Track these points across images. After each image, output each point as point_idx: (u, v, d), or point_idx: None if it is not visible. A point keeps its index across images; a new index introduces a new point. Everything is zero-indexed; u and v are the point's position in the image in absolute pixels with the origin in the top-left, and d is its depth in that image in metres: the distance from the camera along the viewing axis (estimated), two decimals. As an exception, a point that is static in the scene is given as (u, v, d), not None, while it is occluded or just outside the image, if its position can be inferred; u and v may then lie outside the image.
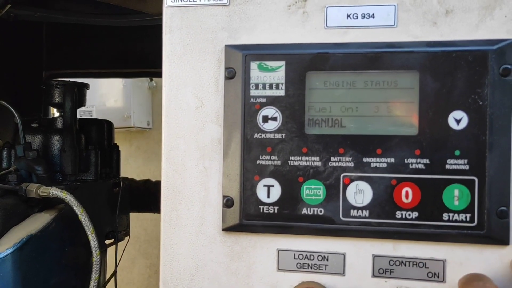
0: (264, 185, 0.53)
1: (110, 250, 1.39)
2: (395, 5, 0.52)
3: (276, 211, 0.53)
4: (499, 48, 0.49)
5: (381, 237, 0.52)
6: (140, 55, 1.63)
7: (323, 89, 0.53)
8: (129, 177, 1.51)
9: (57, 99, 1.23)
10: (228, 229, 0.54)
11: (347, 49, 0.52)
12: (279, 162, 0.53)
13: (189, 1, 0.55)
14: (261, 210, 0.53)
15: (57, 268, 1.07)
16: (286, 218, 0.53)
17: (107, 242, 1.35)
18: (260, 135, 0.53)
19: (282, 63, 0.53)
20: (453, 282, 0.51)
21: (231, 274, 0.55)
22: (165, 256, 0.56)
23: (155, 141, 2.86)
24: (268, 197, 0.53)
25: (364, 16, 0.52)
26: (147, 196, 1.57)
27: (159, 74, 0.56)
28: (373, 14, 0.52)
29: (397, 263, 0.52)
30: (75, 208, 0.99)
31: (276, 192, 0.53)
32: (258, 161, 0.53)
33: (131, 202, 1.43)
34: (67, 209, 1.07)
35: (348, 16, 0.53)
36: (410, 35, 0.52)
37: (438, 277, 0.51)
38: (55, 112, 1.47)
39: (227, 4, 0.55)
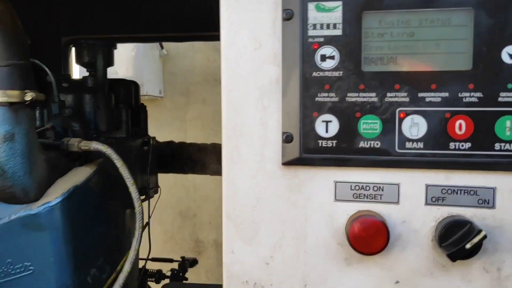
0: (323, 121, 0.56)
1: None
2: None
3: (334, 145, 0.56)
4: (552, -17, 0.51)
5: (435, 167, 0.55)
6: (157, 18, 1.62)
7: (378, 28, 0.55)
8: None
9: (87, 58, 1.25)
10: (287, 163, 0.57)
11: (403, -12, 0.54)
12: (337, 99, 0.56)
13: None
14: (320, 144, 0.56)
15: (98, 218, 1.11)
16: (344, 151, 0.56)
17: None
18: (318, 74, 0.56)
19: (339, 3, 0.55)
20: (502, 208, 0.54)
21: (290, 205, 0.58)
22: (228, 191, 0.59)
23: (167, 109, 2.88)
24: (327, 132, 0.56)
25: (419, -45, 0.54)
26: (170, 156, 1.61)
27: (175, 39, 0.57)
28: (428, -47, 0.54)
29: (449, 191, 0.55)
30: (115, 161, 1.02)
31: (334, 127, 0.56)
32: (316, 98, 0.56)
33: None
34: (104, 163, 1.10)
35: (404, -46, 0.54)
36: (464, -27, 0.54)
37: (488, 203, 0.55)
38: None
39: None
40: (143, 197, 1.38)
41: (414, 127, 0.55)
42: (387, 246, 0.54)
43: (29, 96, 0.90)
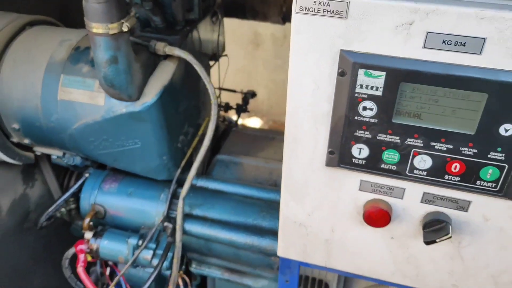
0: (357, 147, 0.78)
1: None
2: (484, 39, 0.64)
3: (363, 163, 0.79)
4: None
5: (431, 184, 0.79)
6: None
7: (411, 92, 0.71)
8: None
9: None
10: (329, 166, 0.82)
11: (436, 70, 0.67)
12: (370, 136, 0.76)
13: (314, 11, 0.68)
14: (353, 161, 0.80)
15: (183, 99, 1.40)
16: (369, 168, 0.80)
17: (211, 63, 1.64)
18: (359, 118, 0.75)
19: (383, 73, 0.70)
20: (471, 212, 0.80)
21: (328, 188, 0.86)
22: (286, 174, 0.86)
23: None
24: (359, 154, 0.79)
25: (456, 44, 0.65)
26: (232, 5, 1.75)
27: None
28: (464, 43, 0.65)
29: (438, 198, 0.80)
30: (195, 66, 1.26)
31: (365, 152, 0.78)
32: (355, 133, 0.77)
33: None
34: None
35: (444, 41, 0.66)
36: (490, 63, 0.66)
37: (463, 209, 0.80)
38: None
39: (345, 17, 0.68)
40: (212, 62, 1.62)
41: (422, 162, 0.76)
42: (388, 224, 0.83)
43: (125, 27, 1.10)
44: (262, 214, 1.36)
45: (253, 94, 1.94)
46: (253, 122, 3.37)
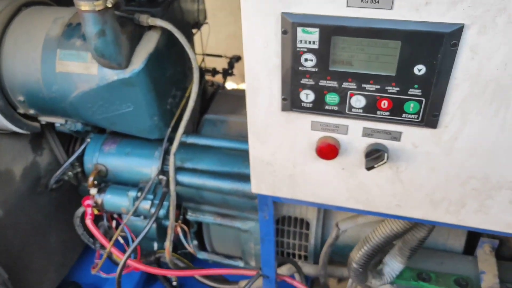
0: (304, 93, 0.94)
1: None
2: (393, -4, 0.80)
3: (311, 106, 0.96)
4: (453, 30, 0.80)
5: (368, 120, 0.95)
6: None
7: (342, 43, 0.87)
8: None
9: None
10: (284, 110, 0.99)
11: (358, 24, 0.83)
12: (313, 83, 0.92)
13: (257, -18, 0.84)
14: (302, 105, 0.96)
15: (168, 64, 1.56)
16: (316, 110, 0.96)
17: (194, 31, 1.78)
18: (302, 68, 0.91)
19: (317, 29, 0.85)
20: (403, 142, 0.96)
21: (285, 129, 1.02)
22: (250, 120, 1.03)
23: None
24: (306, 99, 0.95)
25: (372, 1, 0.81)
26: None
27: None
28: (378, 1, 0.80)
29: (375, 131, 0.97)
30: (176, 34, 1.41)
31: (311, 97, 0.95)
32: (301, 81, 0.93)
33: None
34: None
35: (362, 0, 0.81)
36: (400, 16, 0.81)
37: (396, 139, 0.97)
38: None
39: (282, -15, 0.83)
40: (195, 30, 1.76)
41: (358, 102, 0.93)
42: (336, 156, 1.00)
43: (109, 3, 1.25)
44: (245, 163, 1.54)
45: (238, 58, 2.09)
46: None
